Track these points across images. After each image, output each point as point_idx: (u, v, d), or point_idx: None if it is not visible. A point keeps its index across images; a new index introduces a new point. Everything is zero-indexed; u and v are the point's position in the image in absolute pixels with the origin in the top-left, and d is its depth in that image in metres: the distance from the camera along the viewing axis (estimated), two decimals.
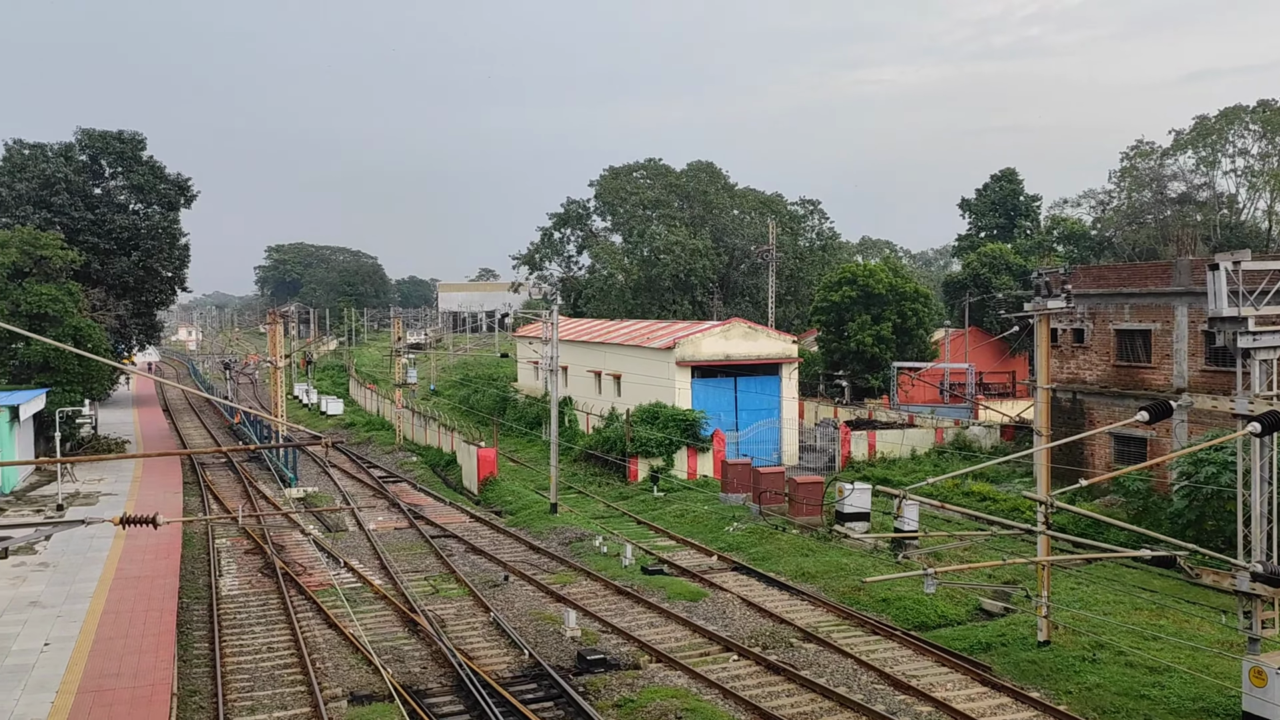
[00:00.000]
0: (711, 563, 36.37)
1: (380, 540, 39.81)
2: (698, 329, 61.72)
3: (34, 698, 22.02)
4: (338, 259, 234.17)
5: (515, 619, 29.61)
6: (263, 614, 30.58)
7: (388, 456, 67.23)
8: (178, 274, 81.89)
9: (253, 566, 36.45)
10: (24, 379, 57.24)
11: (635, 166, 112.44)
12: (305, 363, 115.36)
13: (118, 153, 78.11)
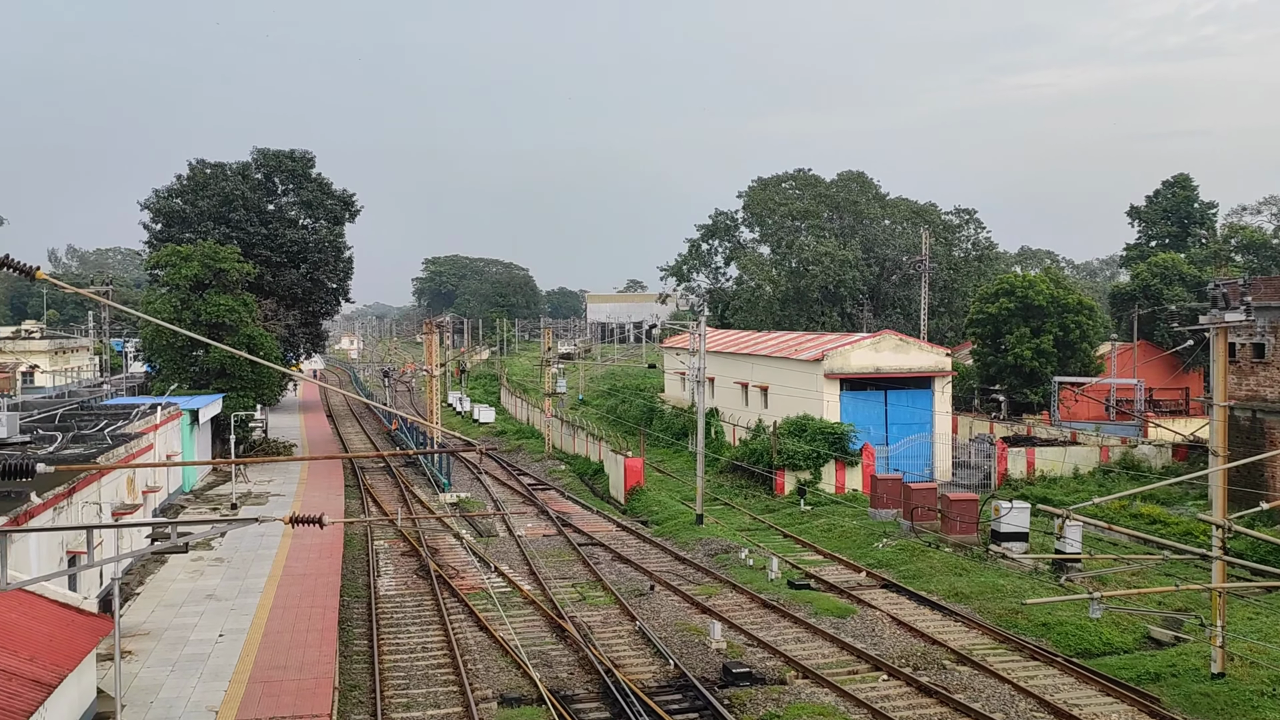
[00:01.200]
0: (860, 579, 35.63)
1: (529, 546, 40.56)
2: (847, 341, 60.72)
3: (210, 685, 23.30)
4: (491, 271, 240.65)
5: (661, 629, 29.66)
6: (418, 614, 31.54)
7: (537, 464, 68.52)
8: (342, 285, 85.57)
9: (409, 568, 37.67)
10: (203, 385, 60.88)
11: (784, 177, 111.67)
12: (459, 371, 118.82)
13: (289, 170, 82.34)
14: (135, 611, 29.14)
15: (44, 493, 24.37)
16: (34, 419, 44.05)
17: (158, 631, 27.45)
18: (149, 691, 22.79)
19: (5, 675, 16.22)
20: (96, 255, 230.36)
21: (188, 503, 48.18)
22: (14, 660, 16.91)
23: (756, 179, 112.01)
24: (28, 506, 22.95)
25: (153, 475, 40.68)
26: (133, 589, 31.67)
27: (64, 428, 40.96)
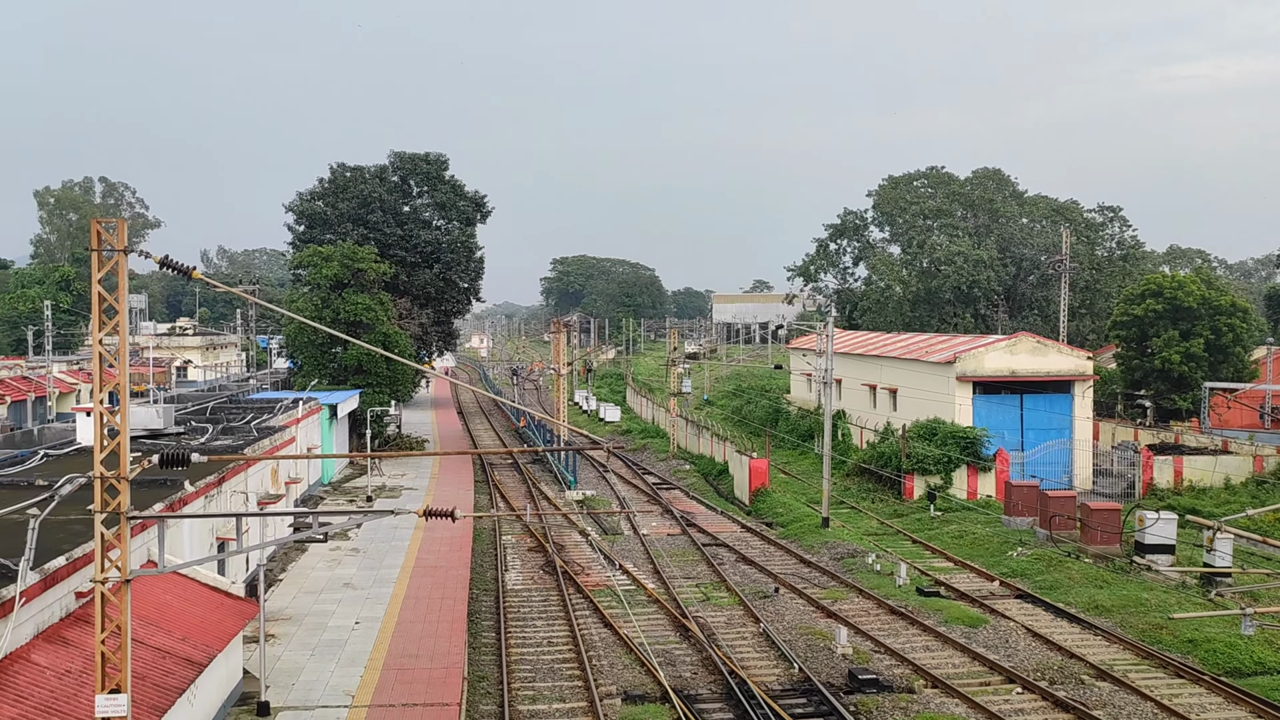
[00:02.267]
0: (993, 588, 34.57)
1: (653, 545, 40.72)
2: (981, 343, 58.99)
3: (347, 670, 24.14)
4: (617, 271, 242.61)
5: (785, 632, 29.38)
6: (544, 609, 32.01)
7: (662, 464, 68.76)
8: (473, 285, 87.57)
9: (535, 564, 38.27)
10: (341, 381, 63.18)
11: (916, 175, 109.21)
12: (585, 370, 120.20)
13: (424, 173, 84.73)
14: (278, 597, 30.40)
15: (196, 481, 25.65)
16: (187, 411, 46.47)
17: (299, 617, 28.59)
18: (290, 673, 23.75)
19: (160, 653, 17.13)
20: (244, 256, 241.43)
21: (326, 494, 50.03)
22: (169, 639, 17.84)
23: (887, 177, 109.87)
24: (182, 494, 24.20)
25: (294, 467, 42.39)
26: (276, 575, 33.06)
27: (214, 420, 43.10)
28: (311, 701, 22.10)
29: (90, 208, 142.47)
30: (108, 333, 13.79)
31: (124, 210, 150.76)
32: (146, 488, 23.56)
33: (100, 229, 13.36)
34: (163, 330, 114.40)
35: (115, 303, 13.54)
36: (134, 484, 14.11)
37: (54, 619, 16.22)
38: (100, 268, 13.42)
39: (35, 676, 14.43)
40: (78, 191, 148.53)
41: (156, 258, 14.06)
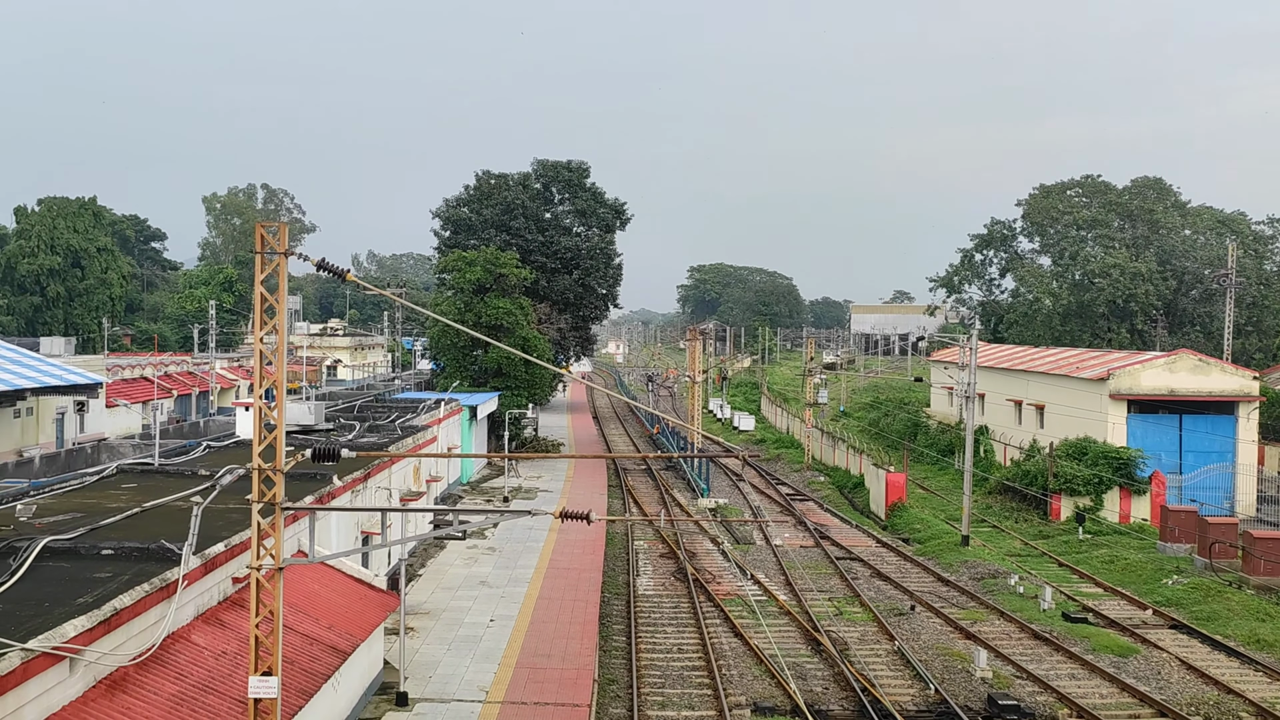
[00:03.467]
0: (1145, 617, 32.89)
1: (786, 556, 40.28)
2: (1136, 359, 56.31)
3: (481, 666, 24.67)
4: (754, 279, 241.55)
5: (920, 651, 28.61)
6: (674, 616, 32.02)
7: (795, 474, 68.01)
8: (611, 291, 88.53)
9: (666, 570, 38.34)
10: (481, 383, 64.74)
11: (1069, 184, 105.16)
12: (720, 379, 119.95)
13: (566, 180, 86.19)
14: (417, 591, 31.29)
15: (344, 476, 26.65)
16: (336, 409, 48.38)
17: (436, 611, 29.37)
18: (428, 666, 24.41)
19: (308, 639, 17.83)
20: (393, 260, 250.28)
21: (465, 493, 51.30)
22: (316, 627, 18.56)
23: (1038, 186, 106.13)
24: (330, 488, 25.17)
25: (435, 466, 43.61)
26: (416, 570, 34.05)
27: (360, 418, 44.73)
28: (447, 694, 22.64)
29: (252, 213, 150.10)
30: (267, 332, 14.45)
31: (282, 215, 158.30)
32: (298, 481, 24.60)
33: (264, 233, 14.01)
34: (315, 330, 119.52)
35: (275, 303, 14.19)
36: (288, 477, 14.74)
37: (212, 602, 17.07)
38: (263, 269, 14.07)
39: (195, 656, 15.22)
40: (241, 197, 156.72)
41: (314, 260, 14.67)
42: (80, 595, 13.95)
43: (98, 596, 13.85)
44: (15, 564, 15.21)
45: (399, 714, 21.51)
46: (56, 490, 23.64)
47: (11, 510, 19.90)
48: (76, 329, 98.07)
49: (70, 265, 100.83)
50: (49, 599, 13.78)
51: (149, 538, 17.07)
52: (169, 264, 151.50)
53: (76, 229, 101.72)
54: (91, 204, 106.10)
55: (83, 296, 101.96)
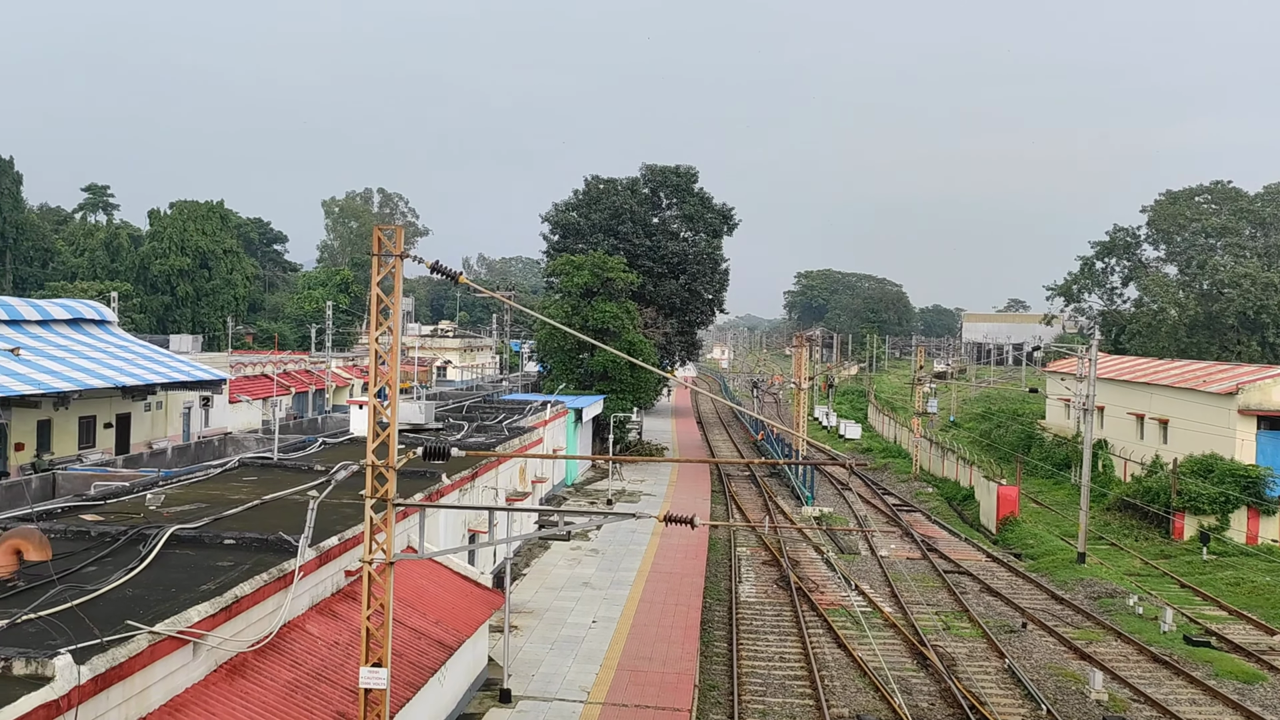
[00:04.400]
0: (1273, 643, 31.29)
1: (892, 568, 39.56)
2: (1269, 374, 53.67)
3: (583, 667, 24.85)
4: (863, 286, 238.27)
5: (1032, 670, 27.76)
6: (776, 624, 31.75)
7: (902, 485, 66.76)
8: (717, 296, 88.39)
9: (769, 577, 38.04)
10: (587, 386, 65.30)
11: (1197, 190, 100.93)
12: (826, 386, 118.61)
13: (674, 185, 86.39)
14: (521, 591, 31.71)
15: (453, 475, 27.18)
16: (446, 409, 49.39)
17: (540, 611, 29.71)
18: (531, 665, 24.70)
19: (416, 634, 18.23)
20: (502, 263, 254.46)
21: (569, 495, 51.79)
22: (424, 621, 18.96)
23: (1164, 192, 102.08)
24: (439, 486, 25.70)
25: (541, 467, 44.15)
26: (520, 570, 34.51)
27: (469, 418, 45.57)
28: (550, 693, 22.87)
29: (369, 216, 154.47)
30: (382, 332, 14.83)
31: (397, 219, 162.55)
32: (409, 478, 25.19)
33: (381, 235, 14.38)
34: (426, 332, 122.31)
35: (390, 304, 14.55)
36: (399, 474, 15.09)
37: (326, 594, 17.58)
38: (379, 271, 14.45)
39: (309, 645, 15.70)
40: (359, 201, 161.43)
41: (428, 263, 14.99)
42: (203, 582, 14.53)
43: (220, 584, 14.41)
44: (145, 550, 15.92)
45: (502, 710, 21.81)
46: (183, 481, 24.69)
47: (142, 499, 20.86)
48: (203, 327, 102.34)
49: (198, 266, 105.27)
50: (175, 585, 14.38)
51: (268, 529, 17.69)
52: (289, 265, 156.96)
53: (205, 231, 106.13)
54: (219, 207, 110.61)
55: (209, 296, 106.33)
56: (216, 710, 12.83)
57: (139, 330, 79.03)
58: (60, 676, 10.42)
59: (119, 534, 17.00)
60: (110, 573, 14.64)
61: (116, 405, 47.09)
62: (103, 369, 44.53)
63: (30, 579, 13.95)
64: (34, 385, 38.17)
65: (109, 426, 46.85)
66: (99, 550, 16.15)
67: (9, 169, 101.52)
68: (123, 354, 49.11)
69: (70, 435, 43.83)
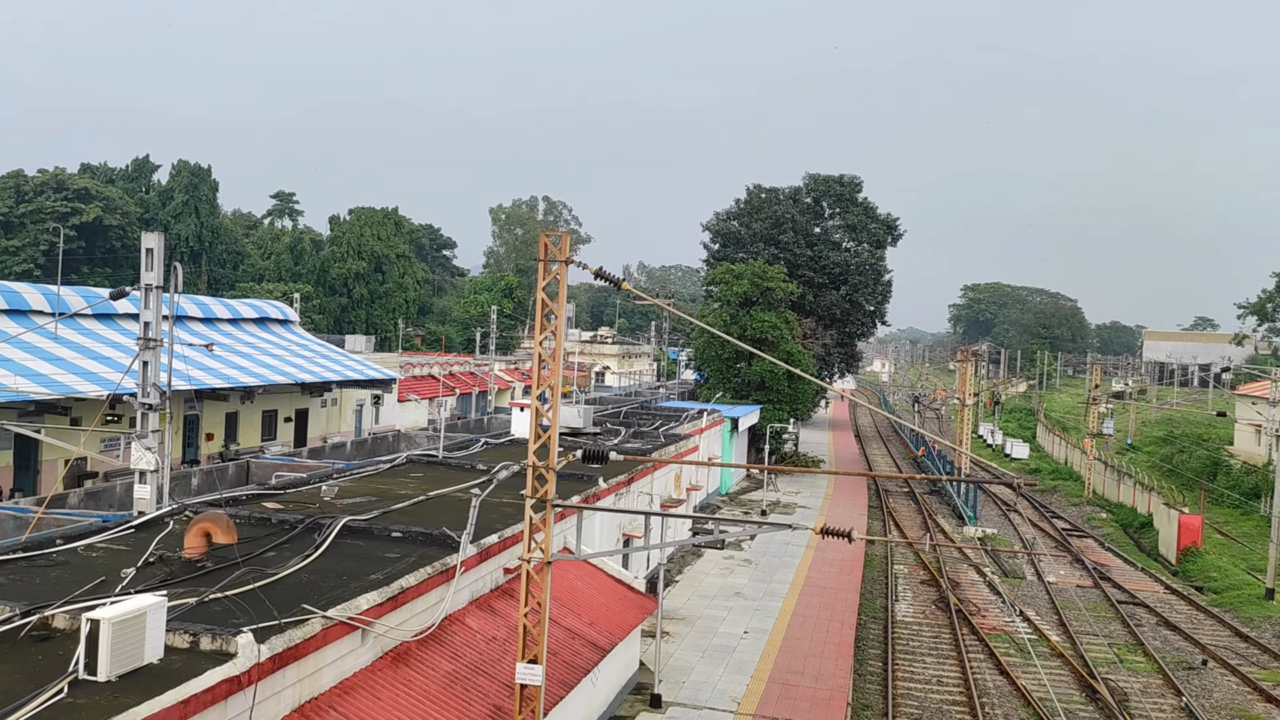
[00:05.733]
0: None
1: (1060, 595, 37.83)
2: None
3: (734, 677, 24.70)
4: (1034, 300, 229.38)
5: (1212, 711, 26.03)
6: (934, 646, 30.81)
7: (1073, 508, 63.79)
8: (879, 308, 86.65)
9: (927, 597, 36.96)
10: (743, 395, 65.01)
11: None
12: (992, 403, 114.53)
13: (837, 195, 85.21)
14: (673, 597, 31.79)
15: (609, 479, 27.49)
16: (604, 414, 50.06)
17: (691, 618, 29.71)
18: (681, 672, 24.72)
19: (570, 633, 18.50)
20: (661, 271, 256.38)
21: (723, 504, 51.66)
22: (578, 622, 19.23)
23: None
24: (596, 489, 26.04)
25: (695, 474, 44.18)
26: (672, 576, 34.60)
27: (626, 424, 46.04)
28: (699, 701, 22.83)
29: (534, 223, 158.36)
30: (545, 336, 15.13)
31: (560, 226, 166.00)
32: (567, 480, 25.61)
33: (547, 241, 14.69)
34: (586, 338, 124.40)
35: (555, 308, 14.83)
36: (558, 475, 15.35)
37: (485, 590, 18.04)
38: (544, 276, 14.75)
39: (468, 638, 16.14)
40: (524, 209, 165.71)
41: (592, 269, 15.22)
42: (372, 572, 15.14)
43: (387, 574, 14.98)
44: (319, 539, 16.71)
45: (652, 715, 21.89)
46: (355, 475, 25.82)
47: (318, 490, 21.93)
48: (376, 328, 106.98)
49: (373, 270, 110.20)
50: (346, 573, 15.03)
51: (432, 524, 18.29)
52: (457, 270, 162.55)
53: (380, 237, 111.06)
54: (393, 214, 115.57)
55: (382, 299, 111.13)
56: (382, 695, 13.33)
57: (317, 330, 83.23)
58: (242, 653, 11.03)
59: (296, 522, 17.91)
60: (288, 558, 15.42)
61: (296, 401, 49.70)
62: (285, 366, 47.09)
63: (217, 560, 14.84)
64: (224, 380, 40.69)
65: (288, 420, 49.49)
66: (278, 537, 17.05)
67: (207, 177, 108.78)
68: (303, 352, 51.82)
69: (254, 427, 46.51)
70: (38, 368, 33.21)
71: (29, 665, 10.56)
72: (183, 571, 14.31)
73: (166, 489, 21.03)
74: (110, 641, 10.14)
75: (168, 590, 12.61)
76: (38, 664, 10.59)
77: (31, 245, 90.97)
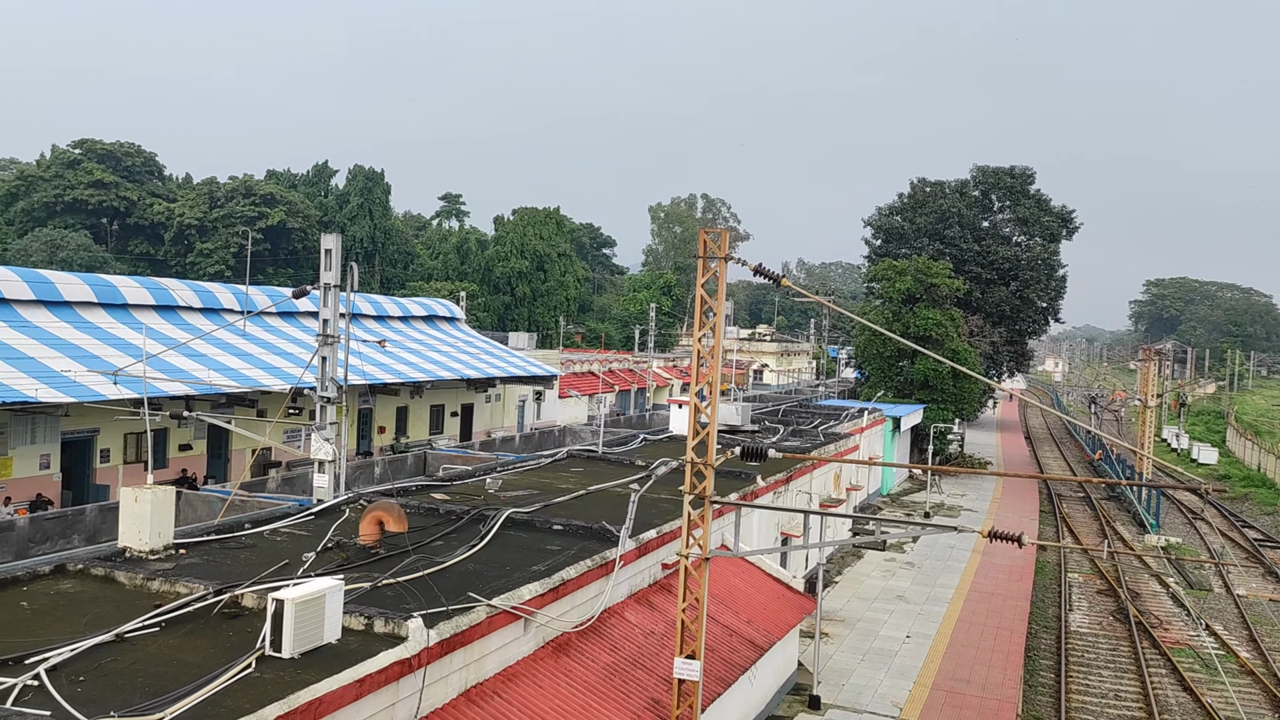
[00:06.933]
0: None
1: (1251, 609, 35.40)
2: None
3: (895, 682, 24.15)
4: (1224, 296, 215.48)
5: None
6: (1111, 659, 29.33)
7: (1266, 518, 59.52)
8: (1052, 305, 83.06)
9: (1103, 608, 35.21)
10: (905, 395, 63.44)
11: None
12: (1177, 404, 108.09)
13: (1007, 187, 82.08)
14: (832, 598, 31.31)
15: (767, 477, 27.30)
16: (762, 412, 49.76)
17: (851, 621, 29.20)
18: (841, 674, 24.32)
19: (728, 630, 18.46)
20: (821, 268, 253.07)
21: (884, 505, 50.56)
22: (735, 619, 19.17)
23: None
24: (754, 487, 25.91)
25: (855, 474, 43.39)
26: (831, 577, 34.08)
27: (784, 422, 45.63)
28: (860, 705, 22.41)
29: (692, 221, 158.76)
30: (704, 333, 15.12)
31: (719, 223, 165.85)
32: (725, 478, 25.58)
33: (707, 238, 14.69)
34: (744, 335, 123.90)
35: (714, 305, 14.81)
36: (716, 472, 15.33)
37: (643, 584, 18.20)
38: (704, 273, 14.75)
39: (627, 631, 16.32)
40: (683, 207, 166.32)
41: (751, 265, 15.13)
42: (534, 563, 15.49)
43: (549, 566, 15.30)
44: (484, 530, 17.21)
45: (811, 717, 21.62)
46: (517, 468, 26.48)
47: (482, 483, 22.59)
48: (538, 326, 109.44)
49: (535, 268, 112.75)
50: (508, 564, 15.43)
51: (591, 518, 18.58)
52: (617, 269, 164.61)
53: (542, 236, 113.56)
54: (555, 213, 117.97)
55: (544, 297, 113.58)
56: (544, 684, 13.62)
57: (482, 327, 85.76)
58: (412, 637, 11.47)
59: (462, 513, 18.50)
60: (454, 548, 15.95)
61: (461, 396, 51.33)
62: (451, 362, 48.71)
63: (389, 548, 15.48)
64: (395, 375, 42.40)
65: (454, 415, 51.17)
66: (445, 527, 17.65)
67: (380, 180, 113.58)
68: (469, 349, 53.48)
69: (423, 421, 48.29)
70: (228, 362, 35.39)
71: (221, 640, 11.26)
72: (357, 557, 14.99)
73: (343, 478, 22.05)
74: (294, 621, 10.71)
75: (344, 574, 13.23)
76: (229, 639, 11.28)
77: (223, 248, 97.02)
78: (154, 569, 13.74)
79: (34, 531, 22.91)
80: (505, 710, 12.66)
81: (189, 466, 34.48)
